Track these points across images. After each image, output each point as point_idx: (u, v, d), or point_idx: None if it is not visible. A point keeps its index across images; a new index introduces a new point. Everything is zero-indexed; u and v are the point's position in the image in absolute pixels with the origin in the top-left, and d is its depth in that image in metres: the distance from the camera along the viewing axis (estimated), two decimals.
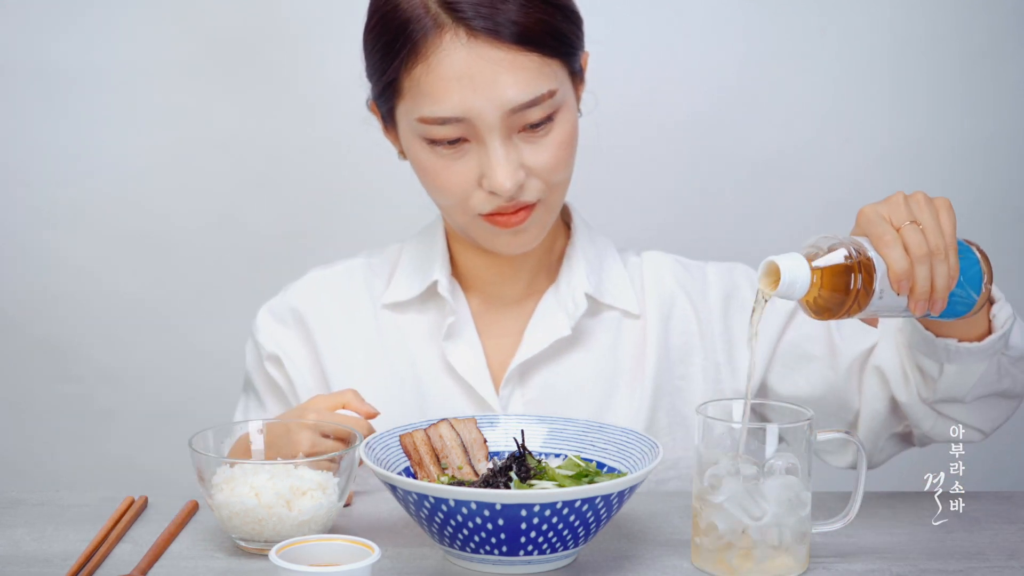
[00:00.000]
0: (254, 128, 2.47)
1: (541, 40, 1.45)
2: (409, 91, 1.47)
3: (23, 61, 2.43)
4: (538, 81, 1.45)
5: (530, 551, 1.22)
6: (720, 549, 1.24)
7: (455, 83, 1.43)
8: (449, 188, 1.49)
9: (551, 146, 1.48)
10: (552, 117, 1.48)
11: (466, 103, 1.44)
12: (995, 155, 2.53)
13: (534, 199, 1.49)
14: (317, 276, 1.68)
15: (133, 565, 1.27)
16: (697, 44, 2.48)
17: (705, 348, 1.62)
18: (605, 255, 1.64)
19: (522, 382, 1.59)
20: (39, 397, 2.54)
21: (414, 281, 1.62)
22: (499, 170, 1.45)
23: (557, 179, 1.51)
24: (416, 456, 1.34)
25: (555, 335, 1.58)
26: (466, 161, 1.47)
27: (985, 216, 2.55)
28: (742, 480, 1.22)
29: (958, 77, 2.51)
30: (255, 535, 1.28)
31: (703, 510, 1.24)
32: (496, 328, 1.61)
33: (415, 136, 1.49)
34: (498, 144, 1.45)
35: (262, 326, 1.65)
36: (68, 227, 2.49)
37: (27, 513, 1.40)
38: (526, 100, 1.45)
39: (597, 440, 1.38)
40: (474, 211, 1.50)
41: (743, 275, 1.65)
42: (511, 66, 1.44)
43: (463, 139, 1.47)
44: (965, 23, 2.49)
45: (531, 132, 1.47)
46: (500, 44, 1.43)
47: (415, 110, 1.47)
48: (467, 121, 1.45)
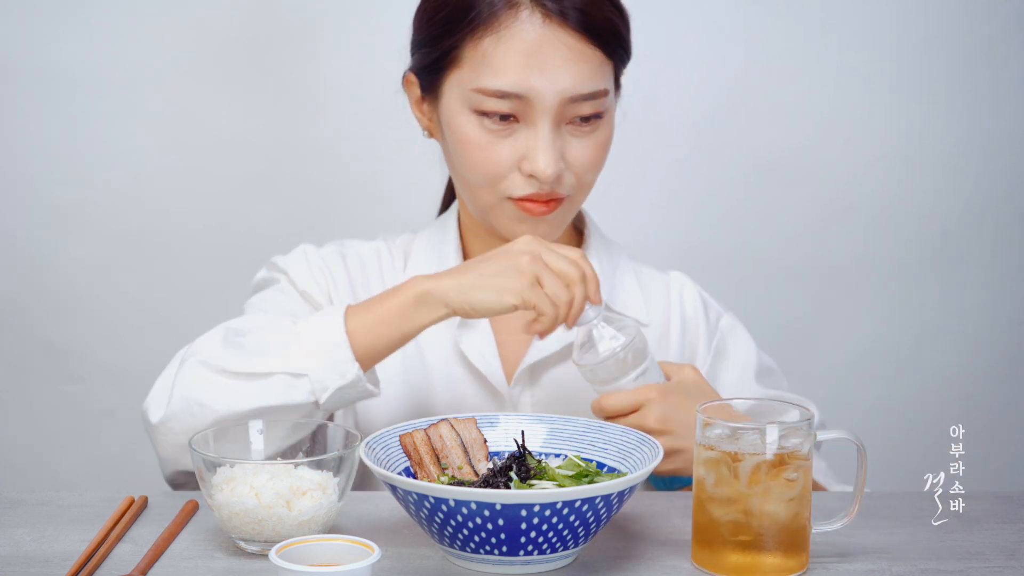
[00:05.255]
0: (254, 128, 2.47)
1: (606, 38, 1.49)
2: (470, 60, 1.48)
3: (24, 62, 2.43)
4: (598, 76, 1.49)
5: (530, 551, 1.22)
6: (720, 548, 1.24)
7: (523, 59, 1.46)
8: (487, 165, 1.50)
9: (593, 145, 1.51)
10: (600, 116, 1.51)
11: (530, 81, 1.46)
12: (995, 155, 2.54)
13: (565, 193, 1.51)
14: (346, 248, 1.67)
15: (133, 565, 1.27)
16: (697, 44, 2.48)
17: None
18: (617, 263, 1.66)
19: (532, 382, 1.60)
20: (39, 397, 2.54)
21: (429, 267, 1.62)
22: (544, 155, 1.47)
23: (588, 179, 1.54)
24: (416, 456, 1.34)
25: (566, 338, 1.58)
26: (511, 141, 1.49)
27: (985, 216, 2.55)
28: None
29: (958, 77, 2.51)
30: (255, 535, 1.28)
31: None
32: (507, 325, 1.62)
33: (465, 107, 1.50)
34: (548, 129, 1.47)
35: (302, 263, 1.63)
36: (68, 227, 2.49)
37: (27, 513, 1.40)
38: (586, 92, 1.48)
39: (597, 440, 1.38)
40: (504, 193, 1.51)
41: (743, 344, 1.67)
42: (579, 56, 1.47)
43: (513, 118, 1.48)
44: (965, 23, 2.49)
45: (578, 126, 1.50)
46: (571, 32, 1.47)
47: (474, 80, 1.48)
48: (525, 99, 1.47)
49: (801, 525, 1.25)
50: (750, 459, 1.23)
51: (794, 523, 1.24)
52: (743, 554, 1.24)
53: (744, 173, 2.52)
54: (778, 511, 1.23)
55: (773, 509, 1.23)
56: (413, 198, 1.90)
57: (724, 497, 1.24)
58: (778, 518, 1.23)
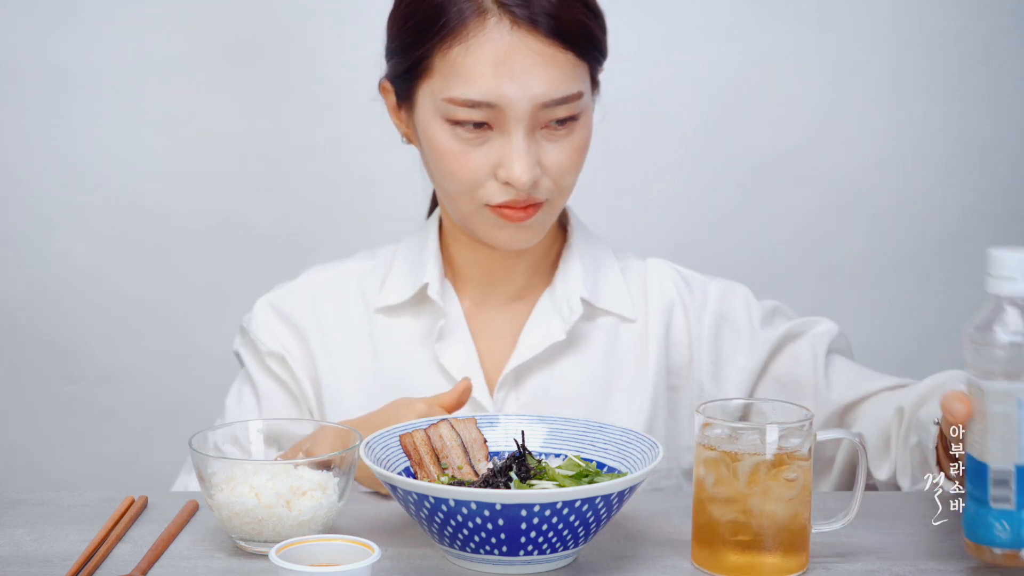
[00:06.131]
0: (254, 128, 2.47)
1: (577, 41, 1.47)
2: (440, 70, 1.47)
3: (23, 61, 2.43)
4: (571, 80, 1.47)
5: (530, 551, 1.22)
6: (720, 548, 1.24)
7: (492, 68, 1.44)
8: (462, 174, 1.49)
9: (568, 148, 1.50)
10: (575, 118, 1.49)
11: (500, 89, 1.44)
12: (995, 155, 2.54)
13: (544, 198, 1.50)
14: (314, 280, 1.67)
15: (133, 565, 1.27)
16: (697, 44, 2.48)
17: (692, 366, 1.62)
18: (602, 258, 1.64)
19: (516, 386, 1.58)
20: (39, 397, 2.54)
21: (406, 284, 1.61)
22: (519, 162, 1.46)
23: (567, 182, 1.52)
24: (416, 456, 1.34)
25: (550, 339, 1.58)
26: (485, 149, 1.48)
27: (985, 216, 2.55)
28: None
29: (958, 77, 2.51)
30: (255, 535, 1.28)
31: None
32: (490, 330, 1.61)
33: (437, 116, 1.49)
34: (522, 136, 1.46)
35: (261, 321, 1.64)
36: (68, 227, 2.49)
37: (27, 513, 1.40)
38: (558, 96, 1.46)
39: (597, 440, 1.38)
40: (481, 201, 1.50)
41: (741, 299, 1.64)
42: (549, 61, 1.46)
43: (486, 126, 1.47)
44: (965, 23, 2.49)
45: (553, 131, 1.48)
46: (540, 37, 1.45)
47: (444, 90, 1.47)
48: (497, 108, 1.45)
49: (801, 525, 1.25)
50: (749, 459, 1.23)
51: (794, 523, 1.24)
52: (743, 554, 1.24)
53: (744, 173, 2.52)
54: (778, 511, 1.23)
55: (773, 509, 1.23)
56: (412, 198, 1.89)
57: (724, 497, 1.24)
58: (778, 518, 1.23)
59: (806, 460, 1.24)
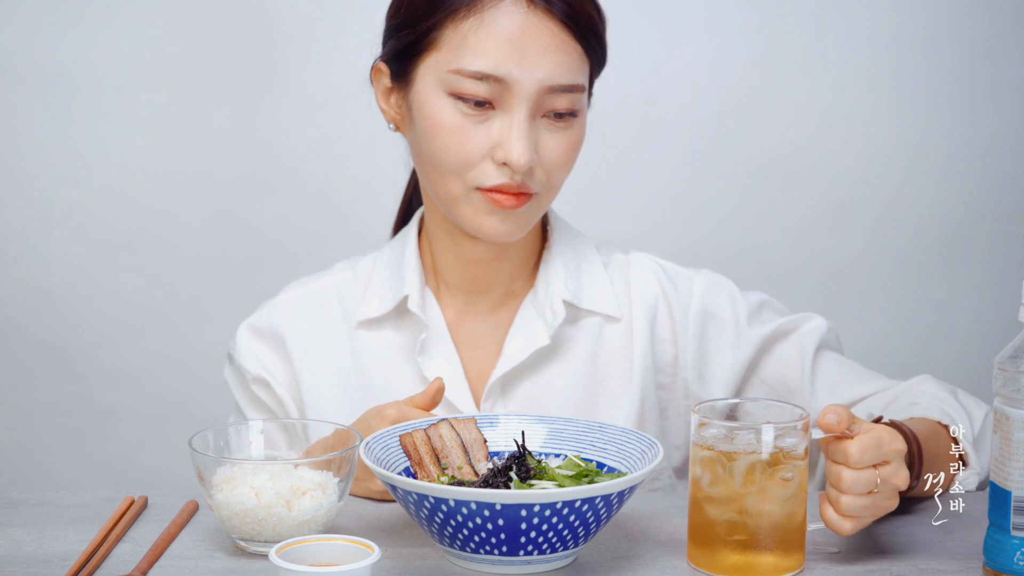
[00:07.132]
0: (254, 128, 2.47)
1: (586, 34, 1.48)
2: (449, 43, 1.47)
3: (24, 62, 2.43)
4: (577, 71, 1.48)
5: (530, 551, 1.22)
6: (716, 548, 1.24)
7: (505, 43, 1.45)
8: (458, 150, 1.47)
9: (565, 142, 1.50)
10: (575, 115, 1.50)
11: (510, 65, 1.45)
12: (995, 155, 2.54)
13: (534, 190, 1.49)
14: (293, 296, 1.64)
15: (133, 565, 1.27)
16: (697, 44, 2.48)
17: (678, 364, 1.61)
18: (584, 256, 1.62)
19: (504, 394, 1.57)
20: (39, 397, 2.54)
21: (386, 296, 1.59)
22: (519, 142, 1.45)
23: (557, 179, 1.51)
24: (416, 456, 1.34)
25: (534, 345, 1.56)
26: (485, 128, 1.47)
27: (985, 216, 2.55)
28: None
29: (958, 77, 2.51)
30: (255, 535, 1.28)
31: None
32: (473, 340, 1.60)
33: (440, 91, 1.48)
34: (525, 117, 1.46)
35: (245, 348, 1.62)
36: (68, 227, 2.49)
37: (27, 513, 1.40)
38: (564, 83, 1.47)
39: (597, 440, 1.38)
40: (473, 182, 1.48)
41: (726, 295, 1.63)
42: (561, 46, 1.46)
43: (489, 104, 1.47)
44: (965, 23, 2.49)
45: (553, 121, 1.49)
46: (555, 22, 1.46)
47: (452, 61, 1.46)
48: (503, 83, 1.45)
49: (797, 524, 1.25)
50: (745, 459, 1.23)
51: (790, 522, 1.24)
52: (739, 554, 1.24)
53: (744, 173, 2.52)
54: (774, 511, 1.23)
55: (769, 508, 1.23)
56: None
57: (720, 497, 1.24)
58: (774, 517, 1.23)
59: (802, 460, 1.24)
